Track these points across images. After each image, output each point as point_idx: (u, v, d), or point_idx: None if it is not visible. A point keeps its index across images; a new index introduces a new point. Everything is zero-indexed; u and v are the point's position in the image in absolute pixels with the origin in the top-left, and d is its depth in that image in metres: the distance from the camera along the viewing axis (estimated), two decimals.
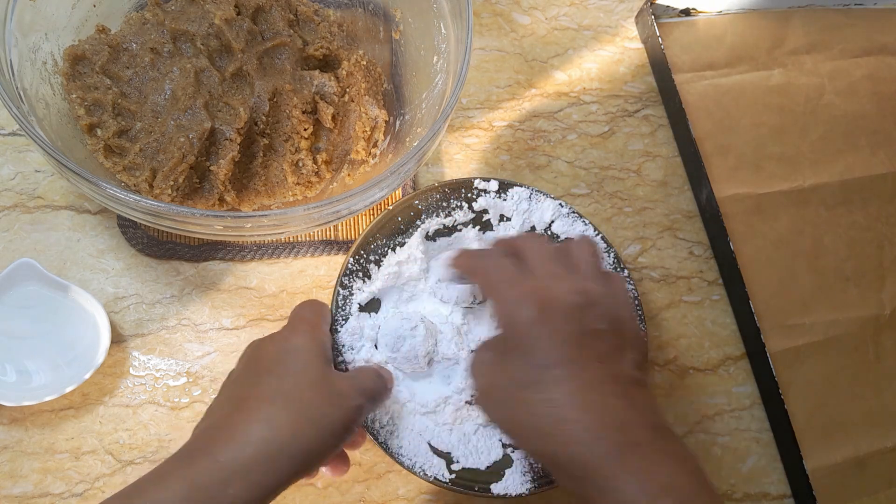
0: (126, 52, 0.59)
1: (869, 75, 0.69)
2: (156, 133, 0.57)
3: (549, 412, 0.39)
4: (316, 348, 0.46)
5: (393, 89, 0.65)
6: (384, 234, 0.58)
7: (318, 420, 0.43)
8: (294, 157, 0.60)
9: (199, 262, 0.61)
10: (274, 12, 0.62)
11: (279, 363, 0.45)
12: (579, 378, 0.40)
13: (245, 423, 0.42)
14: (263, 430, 0.41)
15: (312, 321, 0.49)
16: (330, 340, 0.49)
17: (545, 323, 0.41)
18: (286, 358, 0.45)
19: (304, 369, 0.44)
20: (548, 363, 0.40)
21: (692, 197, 0.70)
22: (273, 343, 0.46)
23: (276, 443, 0.41)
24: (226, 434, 0.41)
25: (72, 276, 0.58)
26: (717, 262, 0.68)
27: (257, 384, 0.44)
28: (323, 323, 0.49)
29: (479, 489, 0.53)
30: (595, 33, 0.75)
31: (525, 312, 0.42)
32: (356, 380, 0.47)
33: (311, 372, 0.44)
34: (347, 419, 0.44)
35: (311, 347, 0.46)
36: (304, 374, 0.44)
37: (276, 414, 0.42)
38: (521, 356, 0.41)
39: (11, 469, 0.53)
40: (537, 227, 0.62)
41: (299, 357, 0.45)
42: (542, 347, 0.41)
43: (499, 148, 0.69)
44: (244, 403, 0.43)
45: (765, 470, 0.63)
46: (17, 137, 0.61)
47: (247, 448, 0.40)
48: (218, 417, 0.43)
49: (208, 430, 0.43)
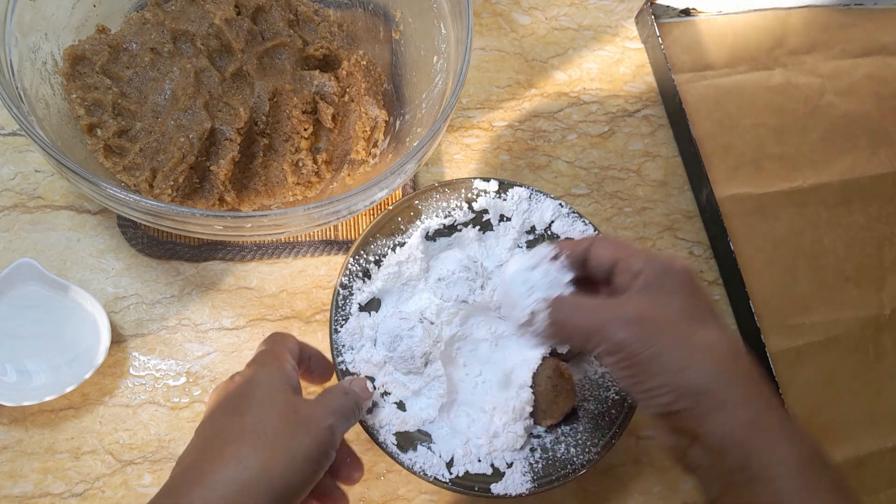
0: (126, 53, 0.59)
1: (869, 75, 0.69)
2: (156, 133, 0.57)
3: (710, 347, 0.41)
4: (279, 378, 0.45)
5: (393, 89, 0.65)
6: (384, 234, 0.58)
7: (288, 450, 0.42)
8: (294, 157, 0.60)
9: (200, 262, 0.61)
10: (274, 12, 0.62)
11: (243, 399, 0.44)
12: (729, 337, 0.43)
13: (212, 464, 0.41)
14: (232, 469, 0.40)
15: (275, 352, 0.47)
16: (295, 369, 0.48)
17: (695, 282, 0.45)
18: (249, 393, 0.44)
19: (268, 401, 0.43)
20: (707, 315, 0.43)
21: (692, 197, 0.70)
22: (234, 381, 0.45)
23: (245, 481, 0.40)
24: (194, 478, 0.40)
25: (72, 276, 0.58)
26: (716, 262, 0.68)
27: (223, 424, 0.43)
28: (286, 353, 0.48)
29: (478, 489, 0.53)
30: (595, 33, 0.75)
31: (681, 263, 0.45)
32: (324, 401, 0.46)
33: (275, 403, 0.43)
34: (320, 443, 0.43)
35: (273, 379, 0.45)
36: (269, 406, 0.43)
37: (243, 451, 0.41)
38: (685, 298, 0.43)
39: (11, 469, 0.53)
40: (537, 227, 0.62)
41: (262, 390, 0.44)
42: (703, 297, 0.44)
43: (499, 148, 0.69)
44: (211, 445, 0.42)
45: None
46: (17, 137, 0.61)
47: (216, 489, 0.39)
48: (187, 463, 0.42)
49: (177, 477, 0.42)
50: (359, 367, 0.54)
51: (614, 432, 0.55)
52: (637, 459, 0.61)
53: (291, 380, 0.46)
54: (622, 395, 0.57)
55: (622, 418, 0.56)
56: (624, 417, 0.56)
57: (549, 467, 0.54)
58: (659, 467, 0.61)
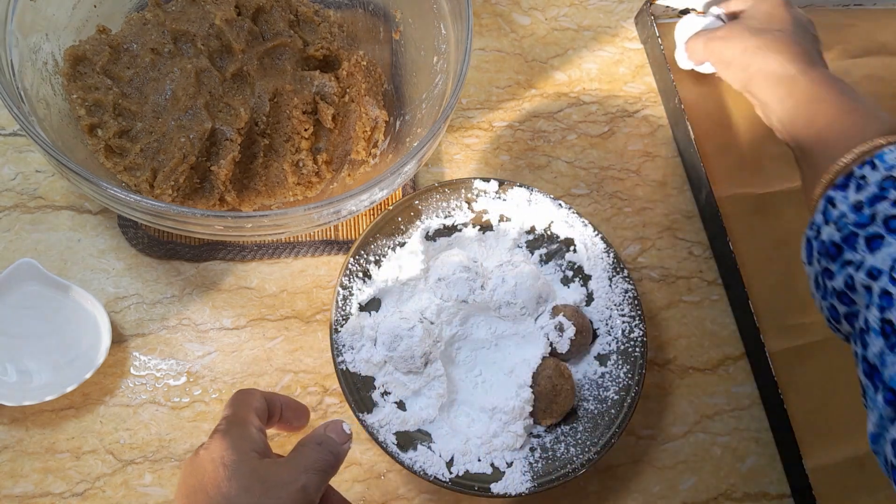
0: (127, 53, 0.59)
1: (869, 75, 0.69)
2: (156, 133, 0.57)
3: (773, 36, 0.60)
4: (244, 446, 0.43)
5: (393, 90, 0.65)
6: (384, 235, 0.58)
7: None
8: (294, 158, 0.60)
9: (200, 262, 0.61)
10: (274, 13, 0.62)
11: (208, 478, 0.42)
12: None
13: None
14: None
15: (238, 416, 0.46)
16: (261, 429, 0.46)
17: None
18: (215, 470, 0.42)
19: (235, 476, 0.42)
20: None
21: (691, 197, 0.70)
22: (199, 457, 0.44)
23: None
24: None
25: (72, 276, 0.59)
26: (716, 262, 0.68)
27: None
28: (251, 414, 0.46)
29: (478, 489, 0.53)
30: (595, 34, 0.75)
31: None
32: (294, 460, 0.44)
33: (241, 476, 0.42)
34: None
35: (237, 449, 0.43)
36: (236, 481, 0.41)
37: None
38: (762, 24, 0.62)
39: (12, 469, 0.53)
40: (537, 227, 0.62)
41: (227, 465, 0.42)
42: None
43: (499, 148, 0.69)
44: None
45: (764, 469, 0.63)
46: (17, 138, 0.62)
47: None
48: None
49: None
50: (359, 367, 0.54)
51: (614, 432, 0.55)
52: (637, 459, 0.61)
53: (257, 444, 0.44)
54: (622, 394, 0.57)
55: (622, 418, 0.56)
56: (624, 417, 0.56)
57: (549, 467, 0.54)
58: (659, 467, 0.61)
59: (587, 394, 0.58)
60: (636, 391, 0.56)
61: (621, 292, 0.60)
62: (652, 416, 0.62)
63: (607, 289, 0.60)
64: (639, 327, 0.58)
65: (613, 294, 0.60)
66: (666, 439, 0.62)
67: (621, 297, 0.59)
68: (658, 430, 0.62)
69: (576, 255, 0.61)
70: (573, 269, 0.62)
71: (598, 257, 0.61)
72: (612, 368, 0.58)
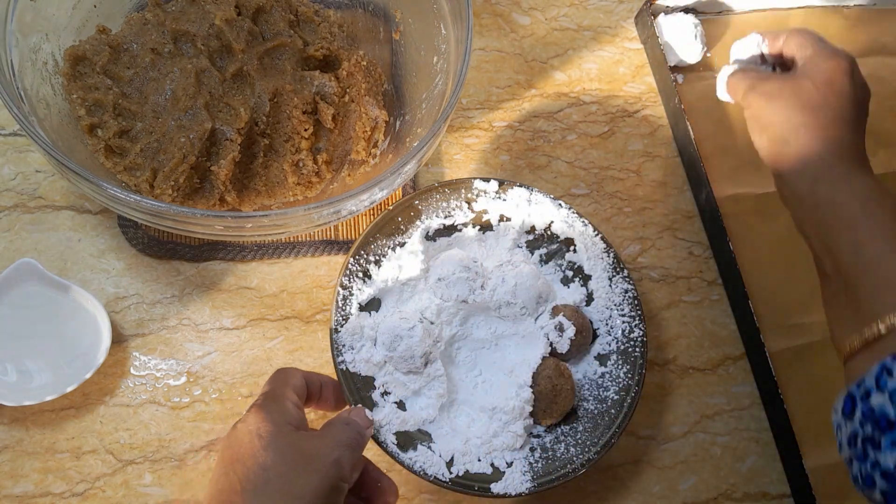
0: (127, 53, 0.59)
1: (869, 75, 0.68)
2: (156, 133, 0.57)
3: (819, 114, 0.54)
4: (280, 420, 0.45)
5: (393, 89, 0.65)
6: (384, 235, 0.58)
7: (297, 492, 0.42)
8: (294, 158, 0.60)
9: (200, 262, 0.61)
10: (274, 13, 0.62)
11: (245, 449, 0.44)
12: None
13: None
14: None
15: (276, 392, 0.48)
16: (298, 405, 0.48)
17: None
18: (251, 441, 0.44)
19: (271, 446, 0.43)
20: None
21: (691, 197, 0.70)
22: (235, 431, 0.45)
23: None
24: None
25: (72, 276, 0.59)
26: (716, 262, 0.68)
27: (230, 480, 0.43)
28: (288, 390, 0.48)
29: (478, 489, 0.53)
30: (595, 34, 0.75)
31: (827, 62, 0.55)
32: (328, 434, 0.46)
33: (278, 447, 0.44)
34: (328, 478, 0.43)
35: (274, 422, 0.45)
36: (272, 451, 0.43)
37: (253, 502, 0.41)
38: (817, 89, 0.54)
39: (12, 469, 0.53)
40: (537, 227, 0.62)
41: (263, 436, 0.44)
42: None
43: (499, 148, 0.69)
44: (224, 500, 0.42)
45: (764, 469, 0.63)
46: (17, 138, 0.62)
47: None
48: None
49: None
50: (359, 367, 0.54)
51: (614, 432, 0.55)
52: (637, 459, 0.61)
53: (293, 418, 0.46)
54: (622, 394, 0.57)
55: (622, 418, 0.56)
56: (624, 417, 0.56)
57: (549, 467, 0.54)
58: (659, 467, 0.61)
59: (587, 394, 0.58)
60: (636, 391, 0.56)
61: (621, 292, 0.60)
62: (652, 416, 0.62)
63: (607, 289, 0.60)
64: (639, 327, 0.58)
65: (613, 294, 0.60)
66: (666, 439, 0.62)
67: (621, 297, 0.60)
68: (658, 430, 0.62)
69: (576, 255, 0.61)
70: (573, 269, 0.62)
71: (598, 257, 0.61)
72: (612, 368, 0.58)
